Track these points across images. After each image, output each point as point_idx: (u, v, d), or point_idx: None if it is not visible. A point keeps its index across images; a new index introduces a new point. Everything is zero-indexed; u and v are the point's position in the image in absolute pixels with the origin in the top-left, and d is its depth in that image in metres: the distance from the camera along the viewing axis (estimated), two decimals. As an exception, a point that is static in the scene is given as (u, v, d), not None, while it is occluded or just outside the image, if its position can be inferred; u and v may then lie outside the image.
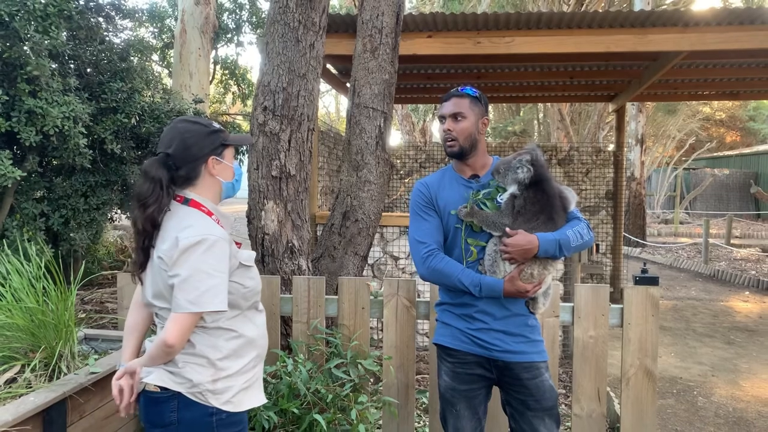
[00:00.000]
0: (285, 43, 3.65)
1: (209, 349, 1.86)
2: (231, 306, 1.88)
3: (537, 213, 2.29)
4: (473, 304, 2.35)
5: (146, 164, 1.89)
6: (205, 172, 1.95)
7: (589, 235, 2.37)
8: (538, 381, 2.33)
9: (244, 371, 1.92)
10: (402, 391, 3.03)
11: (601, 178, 9.03)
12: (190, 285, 1.75)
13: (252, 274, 1.95)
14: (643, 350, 2.90)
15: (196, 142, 1.92)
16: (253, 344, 1.96)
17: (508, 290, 2.26)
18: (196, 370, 1.83)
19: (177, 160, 1.90)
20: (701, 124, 26.22)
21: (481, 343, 2.34)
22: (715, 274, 11.22)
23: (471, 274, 2.30)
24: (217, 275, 1.79)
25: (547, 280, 2.38)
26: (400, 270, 5.77)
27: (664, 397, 4.78)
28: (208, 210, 1.92)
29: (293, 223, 3.81)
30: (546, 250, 2.25)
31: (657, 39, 5.23)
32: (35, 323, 2.40)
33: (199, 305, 1.76)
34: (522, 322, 2.36)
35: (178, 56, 7.51)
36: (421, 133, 20.39)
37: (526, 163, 2.29)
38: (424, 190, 2.48)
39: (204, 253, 1.77)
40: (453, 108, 2.40)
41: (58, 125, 4.58)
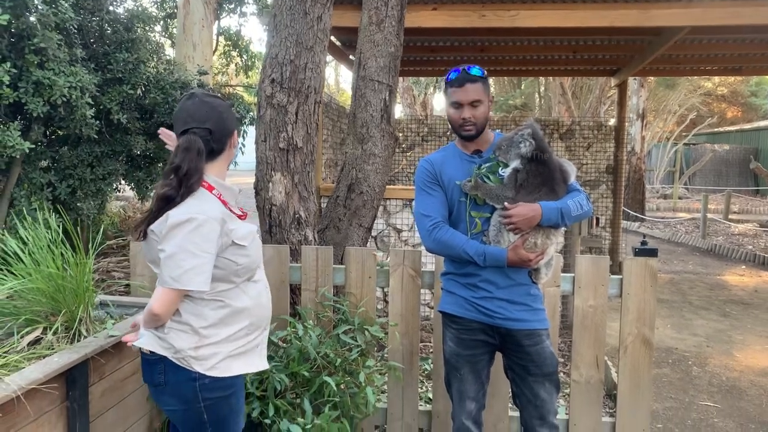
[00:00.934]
0: (293, 15, 3.68)
1: (193, 318, 1.93)
2: (222, 280, 1.94)
3: (539, 185, 2.38)
4: (477, 273, 2.44)
5: (190, 140, 1.91)
6: (229, 146, 2.03)
7: (588, 206, 2.46)
8: (539, 347, 2.43)
9: (231, 339, 1.98)
10: (407, 357, 3.14)
11: (602, 153, 9.07)
12: (174, 262, 1.82)
13: (246, 252, 1.98)
14: (641, 319, 3.00)
15: (228, 117, 2.00)
16: (243, 313, 2.00)
17: (511, 259, 2.34)
18: (180, 337, 1.92)
19: (216, 134, 1.96)
20: (702, 99, 26.12)
21: (485, 311, 2.44)
22: (713, 248, 11.34)
23: (475, 244, 2.39)
24: (202, 255, 1.83)
25: (550, 251, 2.46)
26: (402, 242, 5.85)
27: (659, 366, 4.91)
28: (209, 185, 1.96)
29: (300, 195, 3.87)
30: (549, 218, 2.33)
31: (660, 14, 5.24)
32: (55, 288, 2.48)
33: (180, 283, 1.82)
34: (524, 291, 2.45)
35: (181, 27, 7.49)
36: (422, 106, 20.34)
37: (528, 136, 2.36)
38: (428, 166, 2.56)
39: (191, 232, 1.82)
40: (471, 95, 2.43)
41: (66, 95, 4.61)
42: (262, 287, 2.11)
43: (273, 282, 3.15)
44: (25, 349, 2.30)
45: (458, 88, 2.45)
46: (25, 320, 2.40)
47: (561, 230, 2.50)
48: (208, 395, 1.94)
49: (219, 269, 1.92)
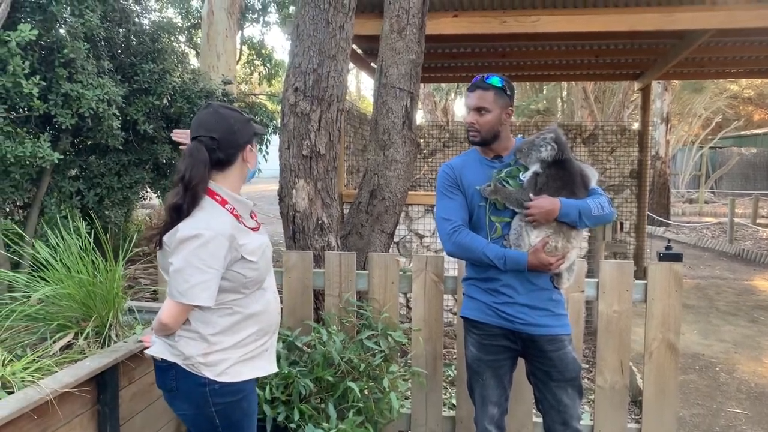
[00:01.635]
0: (315, 25, 3.73)
1: (202, 325, 1.95)
2: (230, 291, 1.96)
3: (559, 189, 2.38)
4: (498, 278, 2.44)
5: (192, 147, 1.95)
6: (240, 159, 2.02)
7: (610, 210, 2.45)
8: (561, 353, 2.43)
9: (240, 345, 2.00)
10: (430, 362, 3.15)
11: (625, 157, 8.99)
12: (181, 276, 1.85)
13: (255, 266, 1.99)
14: (666, 324, 2.97)
15: (240, 129, 1.99)
16: (251, 320, 2.02)
17: (531, 263, 2.35)
18: (188, 344, 1.95)
19: (222, 144, 1.96)
20: (728, 102, 25.72)
21: (506, 316, 2.44)
22: (740, 253, 11.16)
23: (495, 247, 2.40)
24: (209, 271, 1.86)
25: (572, 255, 2.45)
26: (425, 247, 5.87)
27: (686, 372, 4.85)
28: (222, 198, 1.97)
29: (323, 201, 3.92)
30: (567, 213, 2.33)
31: (683, 17, 5.20)
32: (86, 294, 2.55)
33: (186, 297, 1.85)
34: (546, 297, 2.45)
35: (205, 37, 7.61)
36: (443, 112, 20.35)
37: (551, 140, 2.37)
38: (449, 171, 2.58)
39: (198, 248, 1.84)
40: (477, 102, 2.46)
41: (93, 107, 4.71)
42: (271, 294, 2.13)
43: (297, 287, 3.20)
44: (57, 354, 2.36)
45: (470, 93, 2.52)
46: (57, 325, 2.47)
47: (582, 234, 2.49)
48: (219, 400, 1.97)
49: (228, 281, 1.94)
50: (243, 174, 2.07)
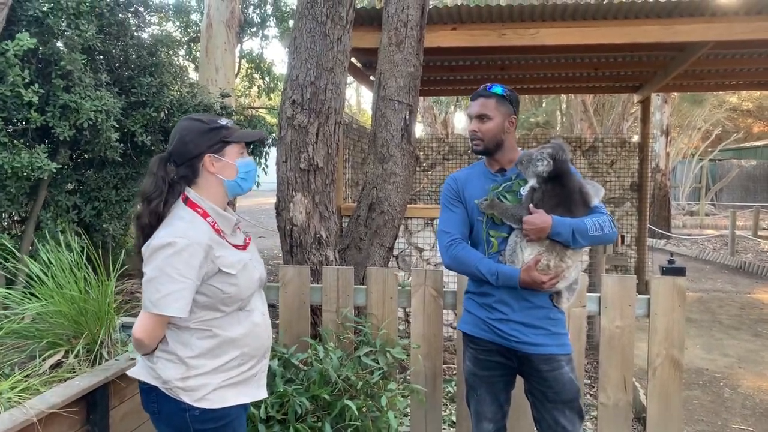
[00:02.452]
0: (313, 37, 3.71)
1: (180, 347, 1.87)
2: (208, 308, 1.88)
3: (554, 206, 2.33)
4: (492, 293, 2.40)
5: (151, 162, 1.93)
6: (203, 171, 1.93)
7: (612, 229, 2.37)
8: (557, 373, 2.36)
9: (222, 370, 1.91)
10: (430, 379, 3.09)
11: (626, 170, 8.97)
12: (153, 286, 1.78)
13: (234, 280, 1.91)
14: (670, 340, 2.92)
15: (192, 140, 1.91)
16: (233, 344, 1.93)
17: (523, 280, 2.29)
18: (166, 367, 1.87)
19: (176, 157, 1.91)
20: (727, 115, 25.76)
21: (501, 333, 2.39)
22: (742, 266, 11.10)
23: (489, 262, 2.36)
24: (182, 281, 1.78)
25: (571, 274, 2.38)
26: (424, 261, 5.82)
27: (689, 388, 4.78)
28: (204, 211, 1.91)
29: (321, 215, 3.87)
30: (558, 233, 2.27)
31: (683, 29, 5.19)
32: (77, 311, 2.49)
33: (158, 307, 1.77)
34: (543, 315, 2.38)
35: (204, 51, 7.60)
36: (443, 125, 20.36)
37: (547, 156, 2.32)
38: (452, 183, 2.55)
39: (171, 257, 1.77)
40: (479, 109, 2.43)
41: (91, 119, 4.68)
42: (258, 317, 2.03)
43: (293, 303, 3.14)
44: (46, 373, 2.30)
45: (472, 102, 2.49)
46: (47, 343, 2.41)
47: (579, 253, 2.43)
48: (200, 426, 1.88)
49: (205, 296, 1.87)
50: (217, 186, 1.96)
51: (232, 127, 1.99)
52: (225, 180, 1.96)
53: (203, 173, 1.94)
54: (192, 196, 1.93)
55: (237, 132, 2.00)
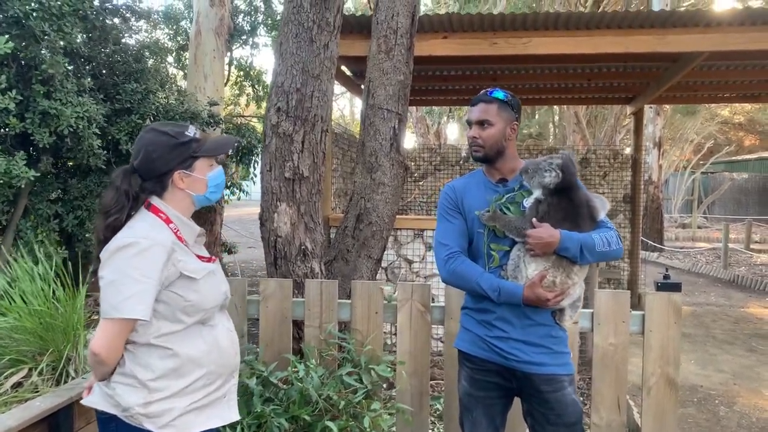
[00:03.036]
0: (299, 43, 3.61)
1: (139, 369, 1.74)
2: (166, 319, 1.76)
3: (561, 220, 2.21)
4: (493, 310, 2.28)
5: (114, 174, 1.83)
6: (172, 186, 1.83)
7: (618, 245, 2.27)
8: (560, 395, 2.24)
9: (187, 392, 1.78)
10: (416, 398, 2.97)
11: (618, 182, 8.90)
12: (114, 288, 1.66)
13: (197, 287, 1.79)
14: (665, 358, 2.81)
15: (160, 156, 1.80)
16: (197, 362, 1.80)
17: (527, 297, 2.17)
18: (126, 392, 1.73)
19: (143, 172, 1.81)
20: (719, 128, 25.88)
21: (500, 352, 2.27)
22: (735, 279, 11.04)
23: (491, 278, 2.23)
24: (144, 281, 1.66)
25: (575, 291, 2.27)
26: (414, 273, 5.70)
27: (684, 405, 4.67)
28: (167, 217, 1.81)
29: (306, 226, 3.76)
30: (566, 247, 2.16)
31: (677, 39, 5.13)
32: (44, 326, 2.37)
33: (120, 311, 1.65)
34: (545, 333, 2.27)
35: (193, 58, 7.49)
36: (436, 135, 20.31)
37: (556, 167, 2.20)
38: (450, 193, 2.43)
39: (134, 257, 1.67)
40: (480, 114, 2.32)
41: (72, 125, 4.56)
42: (222, 332, 1.91)
43: (275, 318, 3.02)
44: (8, 392, 2.17)
45: (471, 107, 2.37)
46: (9, 360, 2.28)
47: (585, 269, 2.31)
48: None
49: (164, 304, 1.75)
50: (185, 200, 1.86)
51: (201, 138, 1.88)
52: (194, 195, 1.87)
53: (171, 188, 1.84)
54: (155, 202, 1.83)
55: (206, 144, 1.88)
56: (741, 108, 25.92)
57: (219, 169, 1.92)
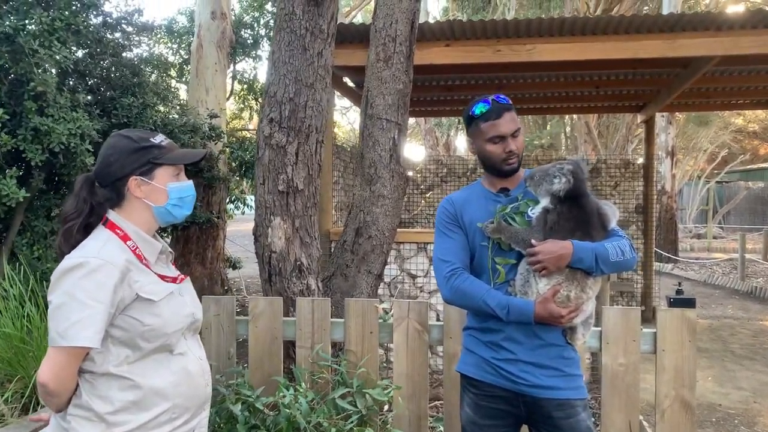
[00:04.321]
0: (291, 51, 3.49)
1: (97, 401, 1.59)
2: (125, 345, 1.61)
3: (572, 230, 2.04)
4: (500, 329, 2.10)
5: (76, 181, 1.72)
6: (129, 194, 1.70)
7: (632, 254, 2.10)
8: (573, 421, 2.05)
9: (150, 427, 1.62)
10: (414, 422, 2.80)
11: (630, 192, 8.69)
12: (61, 314, 1.52)
13: (156, 310, 1.64)
14: (680, 379, 2.62)
15: (117, 160, 1.68)
16: (161, 395, 1.65)
17: (539, 314, 1.99)
18: (82, 425, 1.58)
19: (99, 178, 1.70)
20: (733, 136, 25.56)
21: (508, 376, 2.09)
22: (753, 291, 10.75)
23: (498, 295, 2.06)
24: (94, 306, 1.52)
25: (588, 307, 2.10)
26: (418, 288, 5.54)
27: (702, 426, 4.45)
28: (125, 234, 1.67)
29: (302, 240, 3.62)
30: (581, 259, 1.99)
31: (688, 44, 4.97)
32: (15, 351, 2.23)
33: (67, 338, 1.51)
34: (556, 354, 2.09)
35: (194, 71, 7.43)
36: (445, 147, 20.21)
37: (568, 173, 2.04)
38: (449, 206, 2.26)
39: (82, 278, 1.53)
40: (512, 125, 2.14)
41: (64, 142, 4.46)
42: (192, 361, 1.76)
43: (264, 338, 2.87)
44: (-30, 422, 2.03)
45: (497, 120, 2.14)
46: (-27, 388, 2.14)
47: (599, 282, 2.14)
48: None
49: (121, 330, 1.60)
50: (144, 212, 1.72)
51: (167, 147, 1.74)
52: (154, 206, 1.72)
53: (129, 197, 1.70)
54: (112, 217, 1.70)
55: (171, 153, 1.74)
56: (755, 116, 25.59)
57: (187, 183, 1.78)
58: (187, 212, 1.79)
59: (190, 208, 1.80)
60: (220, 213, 7.51)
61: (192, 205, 1.81)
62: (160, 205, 1.72)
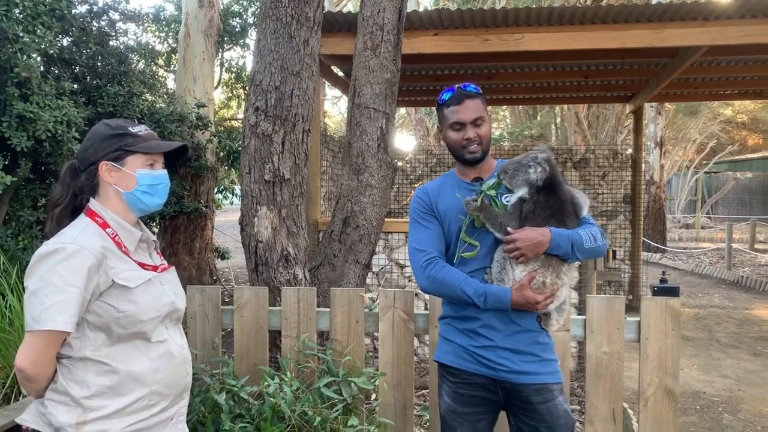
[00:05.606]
0: (277, 39, 3.46)
1: (73, 385, 1.60)
2: (101, 330, 1.62)
3: (547, 218, 2.08)
4: (477, 317, 2.12)
5: (62, 168, 1.76)
6: (101, 180, 1.73)
7: (603, 241, 2.14)
8: (551, 405, 2.09)
9: (127, 413, 1.63)
10: (399, 411, 2.81)
11: (618, 182, 8.72)
12: (36, 299, 1.54)
13: (132, 297, 1.65)
14: (663, 368, 2.64)
15: (92, 145, 1.72)
16: (139, 380, 1.66)
17: (516, 300, 2.03)
18: (58, 410, 1.59)
19: (78, 163, 1.75)
20: (722, 127, 25.68)
21: (486, 363, 2.11)
22: (739, 280, 10.84)
23: (475, 283, 2.08)
24: (69, 290, 1.53)
25: (562, 293, 2.13)
26: (406, 278, 5.54)
27: (686, 413, 4.49)
28: (104, 221, 1.69)
29: (288, 230, 3.60)
30: (558, 245, 2.03)
31: (675, 33, 4.97)
32: (-3, 340, 2.21)
33: (41, 323, 1.52)
34: (532, 339, 2.12)
35: (182, 60, 7.36)
36: (436, 138, 20.16)
37: (543, 161, 2.07)
38: (423, 196, 2.28)
39: (58, 264, 1.54)
40: (473, 113, 2.16)
41: (50, 130, 4.42)
42: (171, 348, 1.76)
43: (250, 328, 2.86)
44: (-49, 412, 2.02)
45: (457, 106, 2.17)
46: (-45, 378, 2.13)
47: (573, 269, 2.17)
48: None
49: (96, 315, 1.61)
50: (119, 198, 1.73)
51: (143, 136, 1.76)
52: (123, 192, 1.73)
53: (101, 183, 1.73)
54: (93, 206, 1.72)
55: (146, 142, 1.76)
56: (744, 106, 25.72)
57: (159, 172, 1.79)
58: (160, 201, 1.80)
59: (162, 198, 1.80)
60: (208, 203, 7.47)
61: (165, 194, 1.82)
62: (129, 191, 1.73)
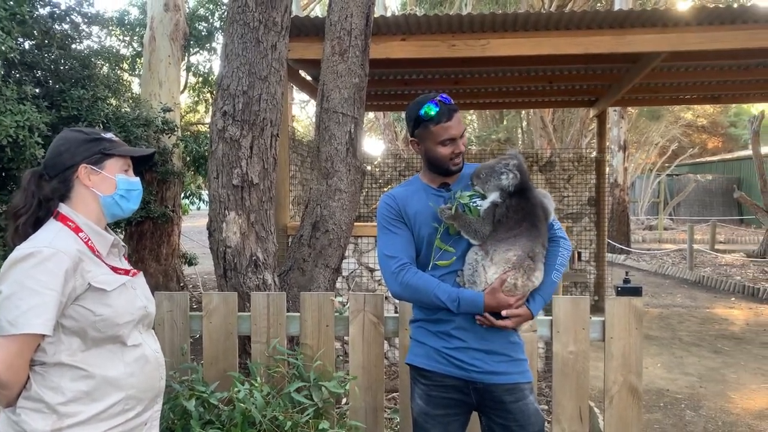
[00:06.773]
0: (244, 44, 3.45)
1: (48, 392, 1.58)
2: (76, 335, 1.61)
3: (519, 221, 2.13)
4: (450, 319, 2.15)
5: (24, 176, 1.72)
6: (77, 184, 1.71)
7: (568, 246, 2.27)
8: (522, 404, 2.13)
9: (103, 418, 1.62)
10: (370, 414, 2.82)
11: (583, 185, 8.88)
12: (11, 303, 1.52)
13: (108, 300, 1.64)
14: (627, 366, 2.71)
15: (68, 149, 1.71)
16: (114, 385, 1.65)
17: (488, 304, 2.06)
18: (32, 417, 1.56)
19: (48, 169, 1.71)
20: (683, 131, 26.31)
21: (459, 364, 2.14)
22: (701, 280, 11.12)
23: (448, 288, 2.11)
24: (46, 293, 1.52)
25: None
26: (376, 282, 5.56)
27: (650, 411, 4.59)
28: (76, 226, 1.67)
29: (257, 235, 3.59)
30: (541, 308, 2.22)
31: (636, 39, 5.10)
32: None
33: (17, 326, 1.50)
34: (504, 339, 2.17)
35: (147, 64, 7.27)
36: (405, 142, 20.22)
37: (514, 167, 2.11)
38: (391, 202, 2.28)
39: (34, 267, 1.53)
40: (461, 127, 2.19)
41: (12, 135, 4.33)
42: (146, 352, 1.75)
43: (219, 334, 2.84)
44: None
45: (449, 122, 2.15)
46: None
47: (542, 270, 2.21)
48: None
49: (72, 320, 1.60)
50: (92, 202, 1.72)
51: (117, 141, 1.78)
52: (101, 196, 1.72)
53: (77, 187, 1.71)
54: (64, 210, 1.70)
55: (121, 146, 1.77)
56: (704, 111, 26.41)
57: (135, 179, 1.81)
58: (134, 207, 1.81)
59: (136, 204, 1.81)
60: (174, 208, 7.38)
61: (138, 201, 1.83)
62: (108, 194, 1.73)
